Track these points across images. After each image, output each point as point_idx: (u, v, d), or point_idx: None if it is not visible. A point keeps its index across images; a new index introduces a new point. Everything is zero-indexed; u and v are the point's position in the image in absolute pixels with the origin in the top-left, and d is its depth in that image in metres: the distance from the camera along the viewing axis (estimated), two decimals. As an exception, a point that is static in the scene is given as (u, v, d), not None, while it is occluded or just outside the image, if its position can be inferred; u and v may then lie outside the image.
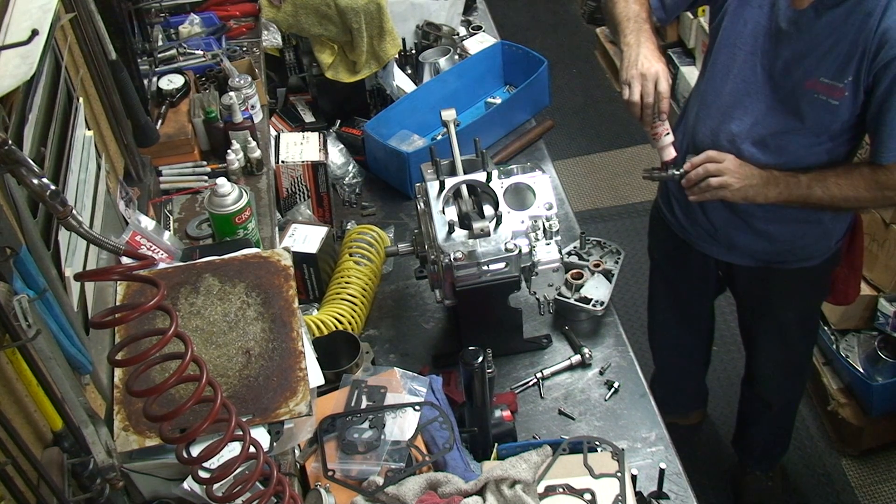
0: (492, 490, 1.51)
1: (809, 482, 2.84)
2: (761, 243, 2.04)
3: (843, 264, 2.15)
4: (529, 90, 2.61)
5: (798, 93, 1.76)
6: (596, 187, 4.11)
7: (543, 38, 5.08)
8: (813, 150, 1.83)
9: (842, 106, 1.72)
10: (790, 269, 2.09)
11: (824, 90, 1.72)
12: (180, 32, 2.42)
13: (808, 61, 1.73)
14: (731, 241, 2.08)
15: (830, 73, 1.70)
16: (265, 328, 1.44)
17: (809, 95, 1.74)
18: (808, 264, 2.08)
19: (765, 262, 2.10)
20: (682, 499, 1.69)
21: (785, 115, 1.80)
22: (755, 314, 2.34)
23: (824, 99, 1.73)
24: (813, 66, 1.72)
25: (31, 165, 0.94)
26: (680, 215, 2.17)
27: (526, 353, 1.99)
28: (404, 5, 2.69)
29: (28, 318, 0.96)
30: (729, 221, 2.03)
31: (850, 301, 2.31)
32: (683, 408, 2.90)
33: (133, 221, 1.67)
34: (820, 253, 2.07)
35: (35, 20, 1.01)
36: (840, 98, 1.71)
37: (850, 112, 1.74)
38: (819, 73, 1.72)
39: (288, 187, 2.23)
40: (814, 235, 2.02)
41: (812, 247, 2.05)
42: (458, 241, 1.72)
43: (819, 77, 1.72)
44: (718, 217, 2.04)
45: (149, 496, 1.33)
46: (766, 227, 2.00)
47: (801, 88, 1.75)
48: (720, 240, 2.10)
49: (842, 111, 1.73)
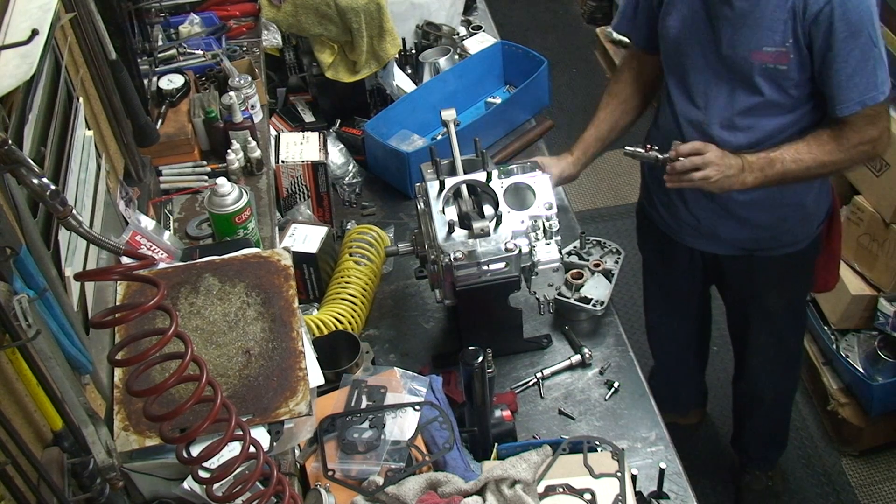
0: (492, 490, 1.51)
1: (809, 482, 2.84)
2: (745, 231, 2.06)
3: (822, 250, 2.18)
4: (529, 90, 2.61)
5: (748, 68, 1.80)
6: (596, 187, 4.11)
7: (543, 38, 5.07)
8: (780, 124, 1.86)
9: (791, 69, 1.77)
10: (775, 255, 2.11)
11: (770, 58, 1.77)
12: (180, 32, 2.42)
13: (748, 34, 1.77)
14: (714, 232, 2.10)
15: (771, 41, 1.75)
16: (265, 328, 1.44)
17: (759, 67, 1.79)
18: (791, 250, 2.10)
19: (749, 250, 2.12)
20: (682, 499, 1.69)
21: (744, 92, 1.85)
22: (743, 305, 2.36)
23: (773, 66, 1.78)
24: (753, 37, 1.77)
25: (31, 165, 0.94)
26: (662, 211, 2.19)
27: (526, 353, 1.99)
28: (404, 5, 2.69)
29: (28, 318, 0.96)
30: (711, 212, 2.05)
31: (831, 288, 2.35)
32: (683, 406, 2.90)
33: (133, 221, 1.67)
34: (803, 237, 2.10)
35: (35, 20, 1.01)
36: (787, 62, 1.76)
37: (799, 73, 1.78)
38: (762, 44, 1.76)
39: (288, 187, 2.23)
40: (795, 219, 2.05)
41: (794, 231, 2.08)
42: (458, 240, 1.72)
43: (762, 47, 1.77)
44: (700, 209, 2.06)
45: (149, 496, 1.32)
46: (749, 215, 2.02)
47: (748, 62, 1.80)
48: (704, 232, 2.11)
49: (792, 74, 1.78)
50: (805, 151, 1.81)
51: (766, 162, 1.82)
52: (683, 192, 2.05)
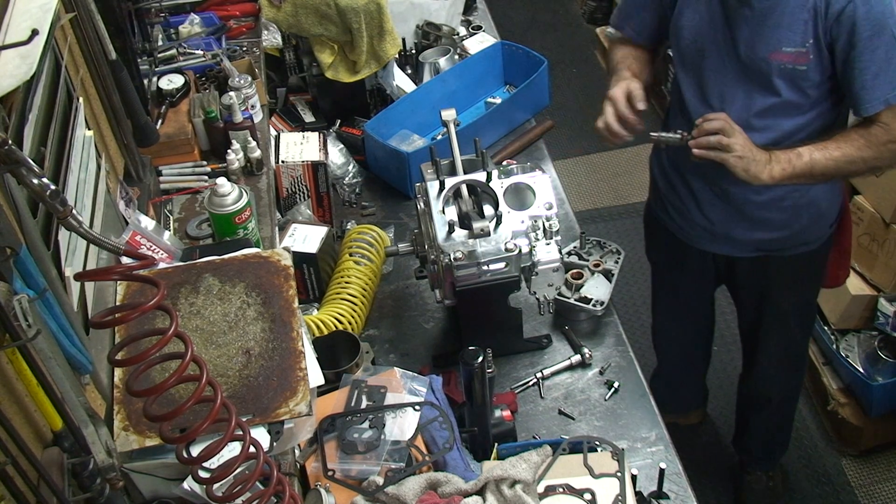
0: (492, 490, 1.51)
1: (809, 482, 2.84)
2: (759, 232, 2.05)
3: (833, 247, 2.17)
4: (529, 90, 2.61)
5: (766, 68, 1.79)
6: (596, 187, 4.11)
7: (543, 38, 5.07)
8: (796, 124, 1.85)
9: (810, 70, 1.76)
10: (789, 255, 2.10)
11: (790, 59, 1.76)
12: (180, 32, 2.42)
13: (767, 35, 1.76)
14: (728, 234, 2.08)
15: (791, 41, 1.74)
16: (265, 328, 1.44)
17: (778, 68, 1.78)
18: (805, 249, 2.09)
19: (765, 251, 2.11)
20: (682, 499, 1.69)
21: (761, 93, 1.83)
22: (756, 305, 2.33)
23: (792, 67, 1.77)
24: (772, 38, 1.76)
25: (31, 165, 0.94)
26: (674, 215, 2.17)
27: (526, 353, 1.99)
28: (404, 5, 2.69)
29: (28, 318, 0.96)
30: (725, 214, 2.04)
31: (841, 282, 2.34)
32: (683, 407, 2.90)
33: (133, 221, 1.67)
34: (817, 237, 2.09)
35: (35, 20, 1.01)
36: (807, 62, 1.75)
37: (819, 73, 1.77)
38: (780, 44, 1.75)
39: (288, 187, 2.23)
40: (809, 219, 2.03)
41: (809, 231, 2.06)
42: (458, 240, 1.72)
43: (781, 47, 1.75)
44: (714, 212, 2.05)
45: (149, 496, 1.33)
46: (763, 216, 2.01)
47: (767, 63, 1.78)
48: (718, 234, 2.10)
49: (811, 75, 1.77)
50: (833, 147, 1.78)
51: (794, 154, 1.79)
52: (696, 193, 2.04)
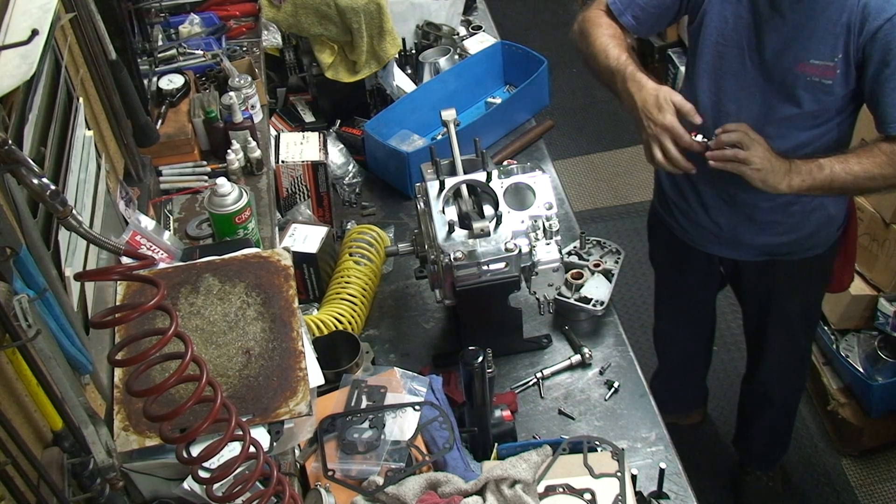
0: (492, 490, 1.51)
1: (809, 482, 2.84)
2: (767, 237, 2.04)
3: (838, 251, 2.16)
4: (529, 90, 2.61)
5: (791, 78, 1.77)
6: (596, 187, 4.11)
7: (543, 38, 5.07)
8: (810, 136, 1.84)
9: (835, 84, 1.74)
10: (796, 259, 2.09)
11: (816, 71, 1.73)
12: (180, 32, 2.42)
13: (796, 45, 1.74)
14: (736, 238, 2.07)
15: (820, 54, 1.72)
16: (265, 328, 1.44)
17: (803, 79, 1.76)
18: (812, 254, 2.08)
19: (772, 255, 2.10)
20: (682, 499, 1.69)
21: (781, 102, 1.81)
22: (762, 308, 2.33)
23: (817, 80, 1.74)
24: (801, 49, 1.73)
25: (31, 165, 0.94)
26: (680, 218, 2.16)
27: (526, 353, 1.99)
28: (404, 5, 2.69)
29: (28, 318, 0.96)
30: (733, 218, 2.03)
31: (846, 287, 2.32)
32: (684, 407, 2.90)
33: (133, 221, 1.67)
34: (824, 241, 2.07)
35: (35, 20, 1.01)
36: (833, 77, 1.73)
37: (844, 89, 1.75)
38: (809, 56, 1.73)
39: (288, 187, 2.23)
40: (818, 224, 2.02)
41: (817, 235, 2.05)
42: (458, 240, 1.72)
43: (809, 59, 1.73)
44: (722, 216, 2.04)
45: (149, 496, 1.33)
46: (771, 220, 1.99)
47: (793, 74, 1.76)
48: (725, 238, 2.09)
49: (836, 89, 1.75)
50: (854, 161, 1.74)
51: (816, 166, 1.75)
52: (704, 198, 2.03)
